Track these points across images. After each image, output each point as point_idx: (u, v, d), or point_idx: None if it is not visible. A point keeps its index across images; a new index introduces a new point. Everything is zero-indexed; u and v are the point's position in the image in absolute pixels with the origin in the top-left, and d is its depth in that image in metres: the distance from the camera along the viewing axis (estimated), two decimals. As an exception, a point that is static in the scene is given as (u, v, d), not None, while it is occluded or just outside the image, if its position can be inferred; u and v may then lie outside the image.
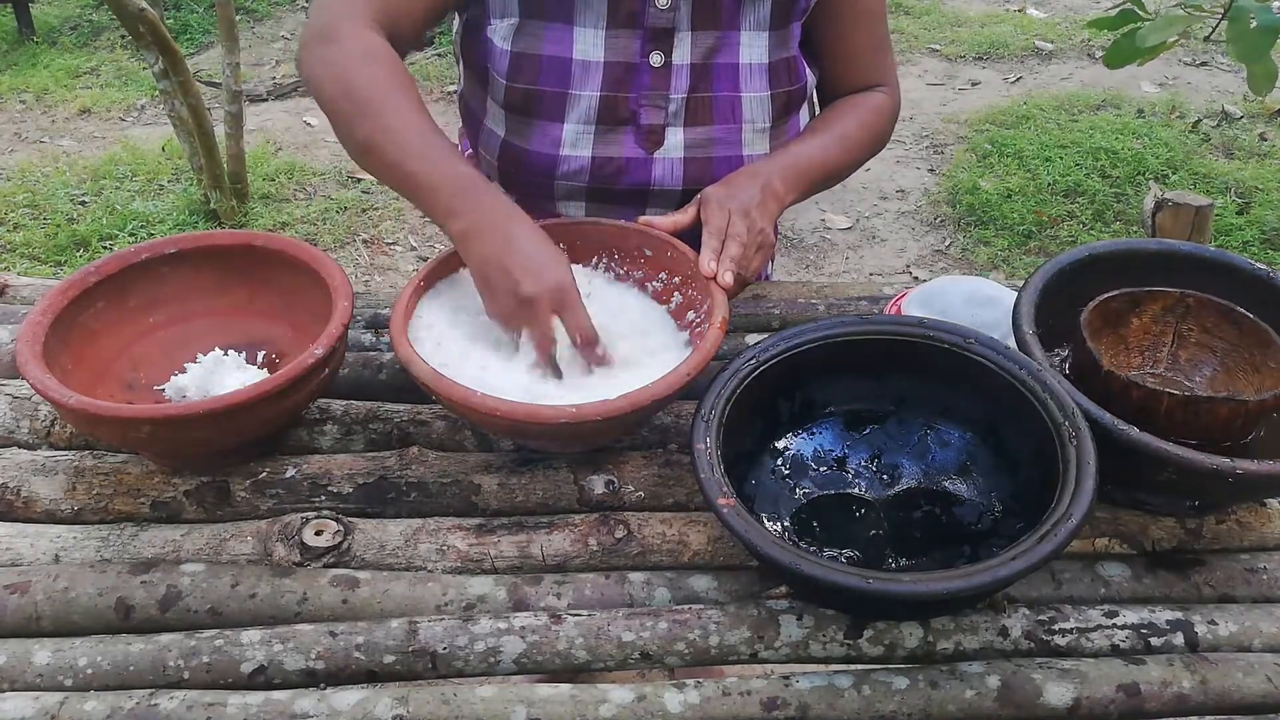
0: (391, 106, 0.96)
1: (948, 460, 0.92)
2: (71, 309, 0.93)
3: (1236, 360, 0.93)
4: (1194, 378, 0.96)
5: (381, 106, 0.96)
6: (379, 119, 0.95)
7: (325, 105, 1.00)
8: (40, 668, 0.76)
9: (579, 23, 1.05)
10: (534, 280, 0.89)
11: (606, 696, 0.75)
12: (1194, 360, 0.96)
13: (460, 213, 0.93)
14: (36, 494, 0.90)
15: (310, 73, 1.01)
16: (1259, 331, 0.91)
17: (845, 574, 0.71)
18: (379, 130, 0.95)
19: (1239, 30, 1.73)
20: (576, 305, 0.90)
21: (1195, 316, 0.95)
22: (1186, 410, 0.83)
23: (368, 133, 0.96)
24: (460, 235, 0.93)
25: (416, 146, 0.95)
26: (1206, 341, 0.95)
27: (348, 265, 3.04)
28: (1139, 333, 0.97)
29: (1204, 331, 0.95)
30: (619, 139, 1.10)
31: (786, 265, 3.11)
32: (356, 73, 0.97)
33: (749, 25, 1.09)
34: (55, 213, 3.23)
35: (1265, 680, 0.78)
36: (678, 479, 0.93)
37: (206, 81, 3.95)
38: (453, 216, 0.93)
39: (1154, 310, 0.96)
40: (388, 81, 0.97)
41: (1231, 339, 0.94)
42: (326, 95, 0.99)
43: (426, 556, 0.86)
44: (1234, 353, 0.94)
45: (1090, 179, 3.41)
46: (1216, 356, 0.95)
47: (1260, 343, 0.91)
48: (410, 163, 0.95)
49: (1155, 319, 0.97)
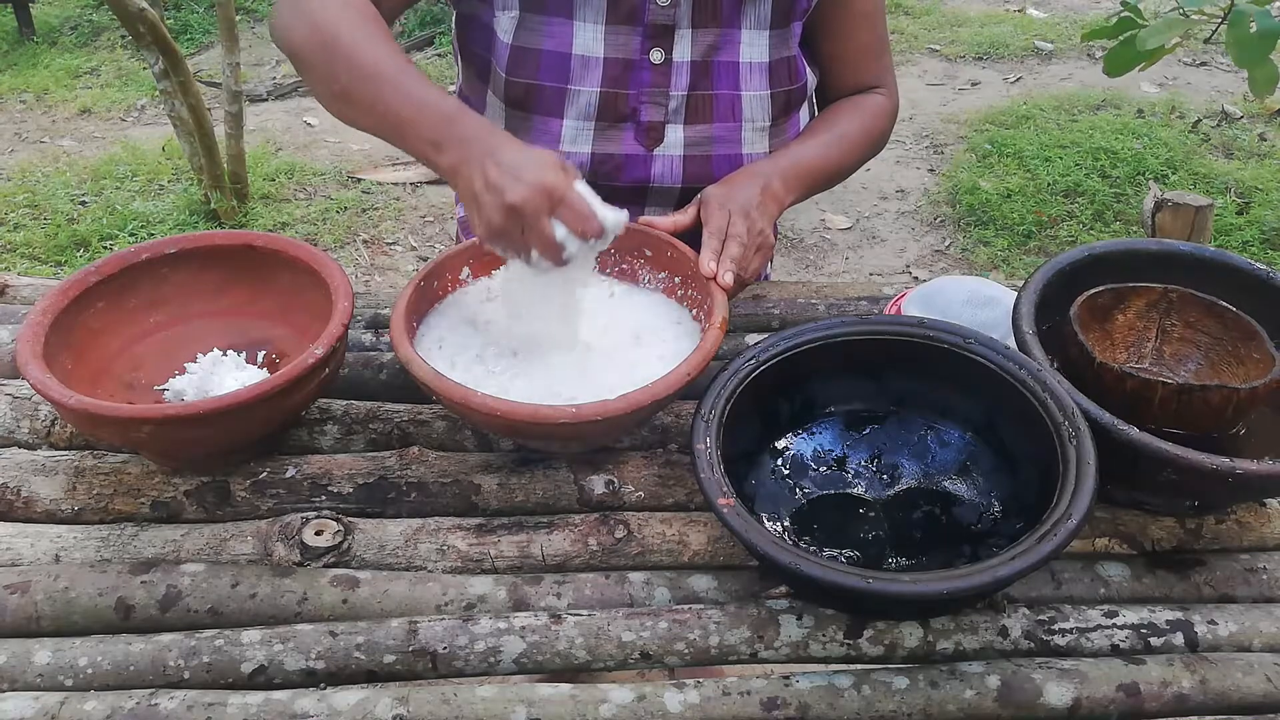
0: (368, 50, 0.93)
1: (947, 460, 0.92)
2: (72, 309, 0.93)
3: (1220, 353, 0.94)
4: (1180, 372, 0.97)
5: (358, 52, 0.93)
6: (357, 65, 0.93)
7: (299, 57, 0.97)
8: (40, 668, 0.76)
9: (579, 18, 1.05)
10: (515, 185, 0.83)
11: (606, 696, 0.75)
12: (1178, 355, 0.97)
13: (446, 145, 0.89)
14: (36, 494, 0.90)
15: (283, 24, 0.98)
16: (1242, 324, 0.92)
17: (845, 574, 0.71)
18: (357, 76, 0.93)
19: (1239, 34, 1.73)
20: (570, 196, 0.84)
21: (1179, 311, 0.96)
22: (1180, 399, 0.84)
23: (345, 79, 0.93)
24: (449, 169, 0.89)
25: (394, 84, 0.91)
26: (1190, 336, 0.96)
27: (348, 265, 3.04)
28: (1124, 329, 0.98)
29: (1187, 326, 0.96)
30: (619, 135, 1.10)
31: (786, 265, 3.12)
32: (332, 21, 0.95)
33: (749, 24, 1.09)
34: (55, 213, 3.23)
35: (1265, 680, 0.78)
36: (678, 479, 0.93)
37: (206, 81, 3.95)
38: (439, 150, 0.89)
39: (1138, 306, 0.97)
40: (363, 28, 0.95)
41: (1215, 332, 0.94)
42: (301, 46, 0.96)
43: (426, 556, 0.86)
44: (1217, 346, 0.95)
45: (1090, 179, 3.41)
46: (1200, 350, 0.96)
47: (1244, 335, 0.92)
48: (390, 100, 0.91)
49: (1140, 314, 0.97)
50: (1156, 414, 0.84)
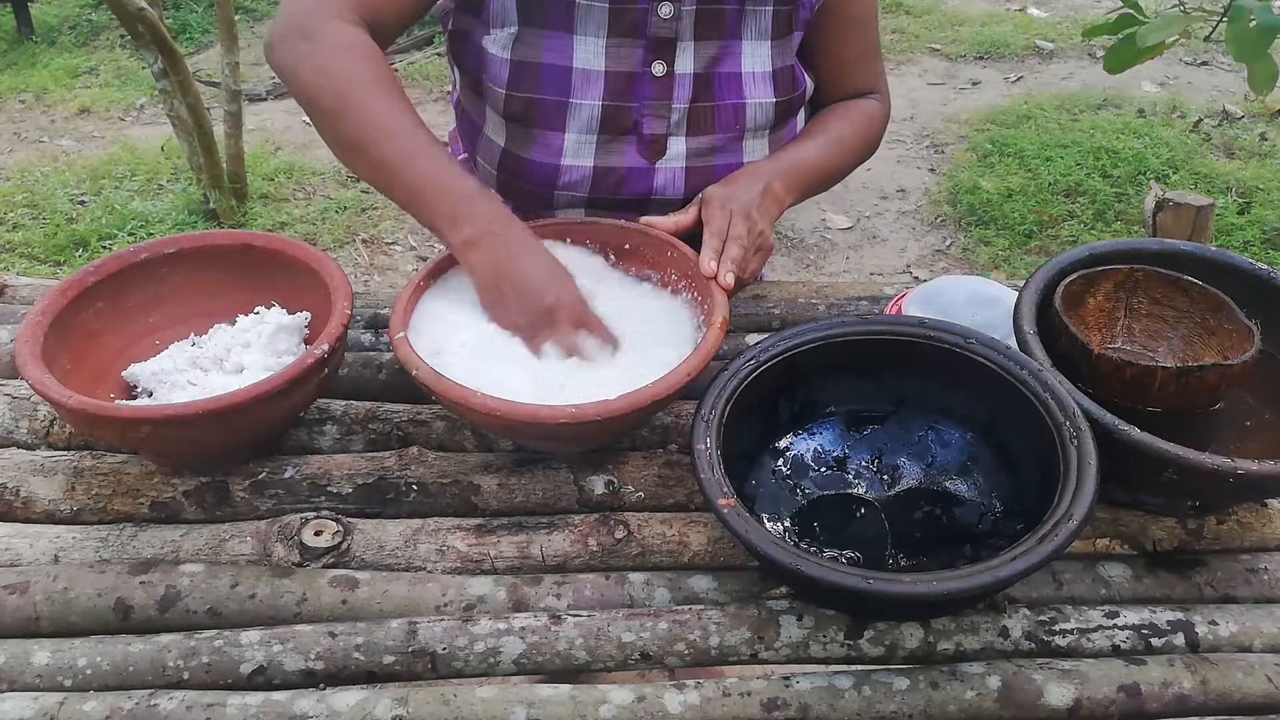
0: (379, 104, 0.94)
1: (948, 460, 0.92)
2: (71, 309, 0.93)
3: (1190, 326, 0.96)
4: (1155, 348, 0.98)
5: (368, 104, 0.93)
6: (366, 117, 0.93)
7: (306, 100, 0.97)
8: (40, 668, 0.76)
9: (580, 31, 1.05)
10: (553, 293, 0.91)
11: (606, 697, 0.75)
12: (1148, 331, 0.98)
13: (463, 221, 0.92)
14: (36, 494, 0.90)
15: (286, 65, 0.97)
16: (1209, 296, 0.94)
17: (845, 574, 0.71)
18: (367, 129, 0.93)
19: (1238, 30, 1.73)
20: (593, 316, 0.93)
21: (1144, 289, 0.98)
22: (1179, 382, 0.85)
23: (354, 131, 0.94)
24: (464, 245, 0.92)
25: (409, 149, 0.93)
26: (1157, 312, 0.98)
27: (347, 265, 3.04)
28: (1095, 311, 0.99)
29: (1154, 302, 0.98)
30: (621, 149, 1.10)
31: (786, 265, 3.11)
32: (339, 67, 0.94)
33: (751, 35, 1.09)
34: (55, 213, 3.23)
35: (1266, 681, 0.77)
36: (678, 479, 0.93)
37: (206, 81, 3.95)
38: (455, 225, 0.92)
39: (1106, 288, 0.98)
40: (373, 77, 0.95)
41: (1181, 306, 0.96)
42: (307, 90, 0.96)
43: (426, 557, 0.86)
44: (1185, 319, 0.96)
45: (1091, 179, 3.41)
46: (1168, 324, 0.97)
47: (1212, 307, 0.94)
48: (405, 167, 0.93)
49: (1108, 296, 0.98)
50: (1154, 398, 0.86)
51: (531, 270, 0.92)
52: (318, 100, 0.96)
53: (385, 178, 0.95)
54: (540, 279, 0.92)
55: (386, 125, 0.93)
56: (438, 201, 0.93)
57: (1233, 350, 0.90)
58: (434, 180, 0.93)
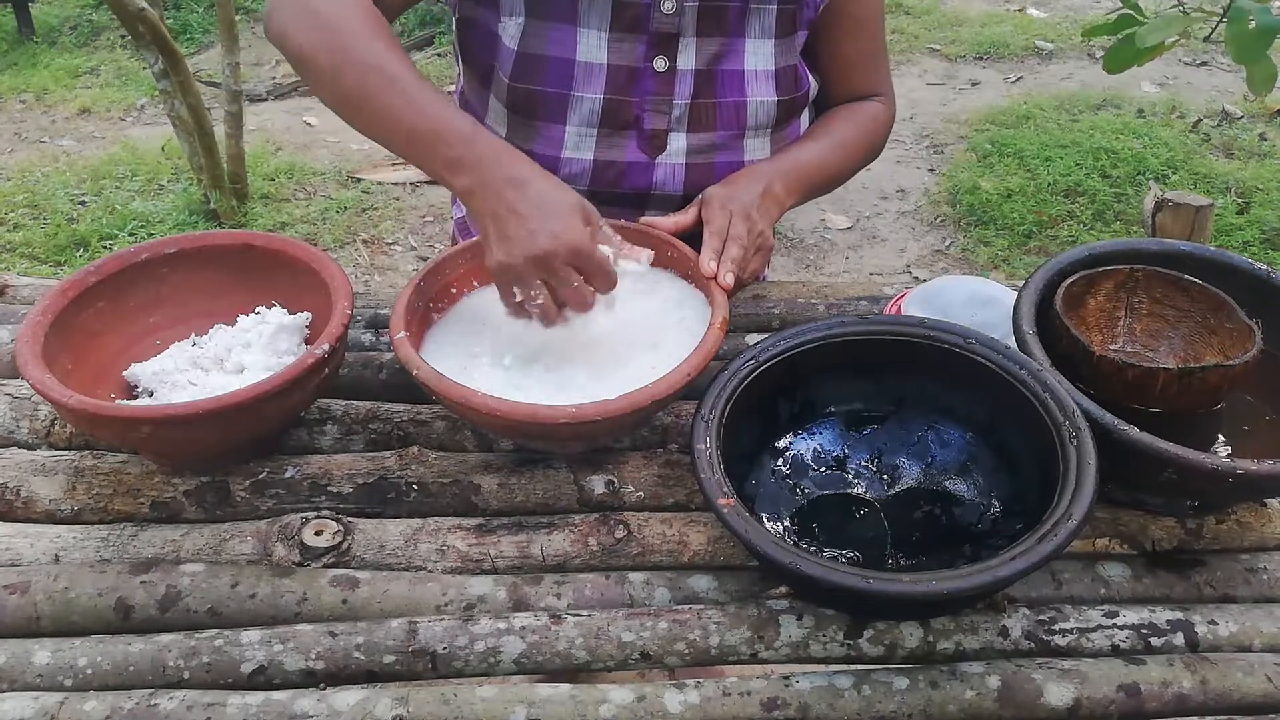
0: (377, 55, 0.91)
1: (948, 460, 0.92)
2: (71, 309, 0.93)
3: (1191, 326, 0.96)
4: (1156, 348, 0.98)
5: (367, 56, 0.91)
6: (367, 71, 0.91)
7: (302, 58, 0.95)
8: (40, 668, 0.76)
9: (583, 25, 1.05)
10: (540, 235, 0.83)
11: (606, 697, 0.75)
12: (1149, 331, 0.98)
13: (463, 164, 0.88)
14: (36, 494, 0.90)
15: (282, 26, 0.96)
16: (1209, 296, 0.94)
17: (845, 574, 0.71)
18: (367, 82, 0.91)
19: (1238, 31, 1.73)
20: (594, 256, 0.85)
21: (1144, 289, 0.98)
22: (1181, 383, 0.85)
23: (353, 84, 0.91)
24: (466, 191, 0.88)
25: (407, 96, 0.90)
26: (1158, 311, 0.98)
27: (347, 265, 3.04)
28: (1095, 312, 0.99)
29: (1155, 302, 0.98)
30: (621, 143, 1.10)
31: (786, 265, 3.12)
32: (337, 23, 0.93)
33: (754, 33, 1.09)
34: (55, 213, 3.23)
35: (1265, 680, 0.78)
36: (678, 479, 0.93)
37: (206, 81, 3.95)
38: (455, 169, 0.88)
39: (1107, 288, 0.98)
40: (371, 31, 0.93)
41: (1181, 306, 0.96)
42: (303, 48, 0.94)
43: (426, 556, 0.86)
44: (1186, 319, 0.96)
45: (1090, 179, 3.41)
46: (1169, 324, 0.97)
47: (1213, 306, 0.94)
48: (403, 113, 0.90)
49: (1109, 296, 0.98)
50: (1156, 399, 0.85)
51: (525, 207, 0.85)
52: (316, 58, 0.94)
53: (383, 129, 0.92)
54: (533, 216, 0.84)
55: (383, 75, 0.91)
56: (437, 146, 0.89)
57: (1234, 349, 0.91)
58: (431, 124, 0.89)
